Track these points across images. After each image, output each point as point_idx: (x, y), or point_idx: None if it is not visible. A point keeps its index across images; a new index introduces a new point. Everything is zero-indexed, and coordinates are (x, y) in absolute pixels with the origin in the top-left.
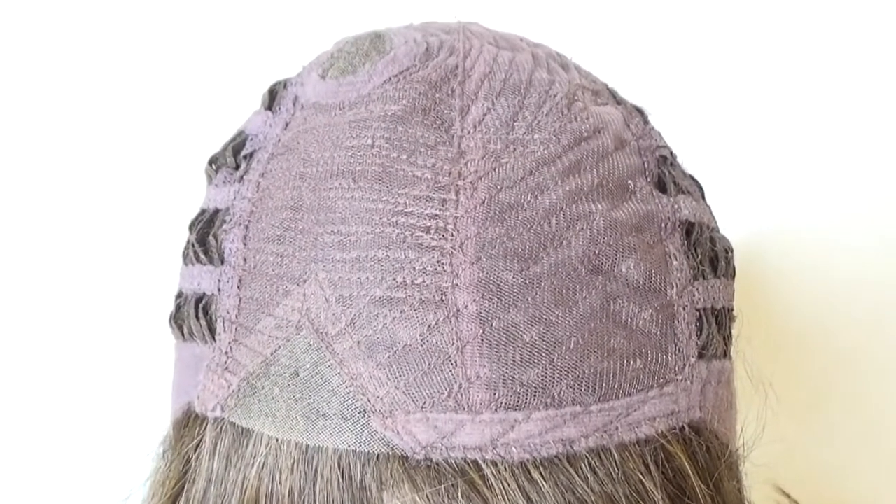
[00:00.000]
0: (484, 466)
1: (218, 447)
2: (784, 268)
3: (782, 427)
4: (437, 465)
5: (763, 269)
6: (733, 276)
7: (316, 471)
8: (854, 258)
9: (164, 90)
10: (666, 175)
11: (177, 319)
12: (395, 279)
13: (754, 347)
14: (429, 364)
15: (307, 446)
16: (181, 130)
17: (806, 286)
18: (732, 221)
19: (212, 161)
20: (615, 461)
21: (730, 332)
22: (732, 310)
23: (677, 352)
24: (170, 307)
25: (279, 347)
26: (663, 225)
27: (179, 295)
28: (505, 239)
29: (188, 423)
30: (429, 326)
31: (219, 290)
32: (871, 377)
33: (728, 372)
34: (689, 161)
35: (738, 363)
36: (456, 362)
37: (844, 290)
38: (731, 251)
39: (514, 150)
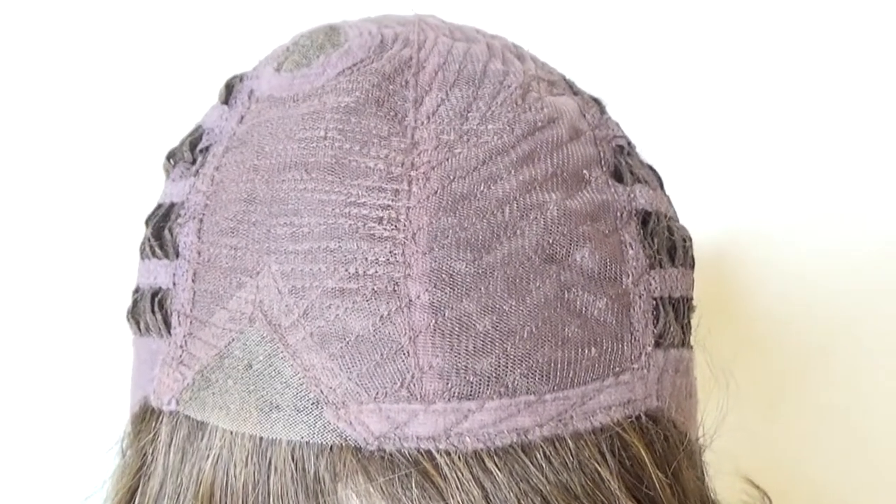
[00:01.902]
0: (437, 456)
1: (173, 441)
2: (749, 259)
3: (744, 416)
4: (391, 455)
5: (727, 260)
6: (692, 266)
7: (270, 463)
8: (818, 251)
9: (126, 89)
10: (622, 165)
11: (133, 314)
12: (347, 270)
13: (716, 337)
14: (381, 354)
15: (261, 438)
16: (143, 127)
17: (770, 277)
18: (700, 215)
19: (169, 156)
20: (570, 450)
21: (689, 322)
22: (692, 299)
23: (633, 340)
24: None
25: (233, 340)
26: (619, 214)
27: (136, 290)
28: (457, 229)
29: (144, 418)
30: (381, 317)
31: (174, 283)
32: (834, 366)
33: (687, 361)
34: (662, 156)
35: (699, 353)
36: (408, 352)
37: (808, 282)
38: (690, 240)
39: (468, 140)
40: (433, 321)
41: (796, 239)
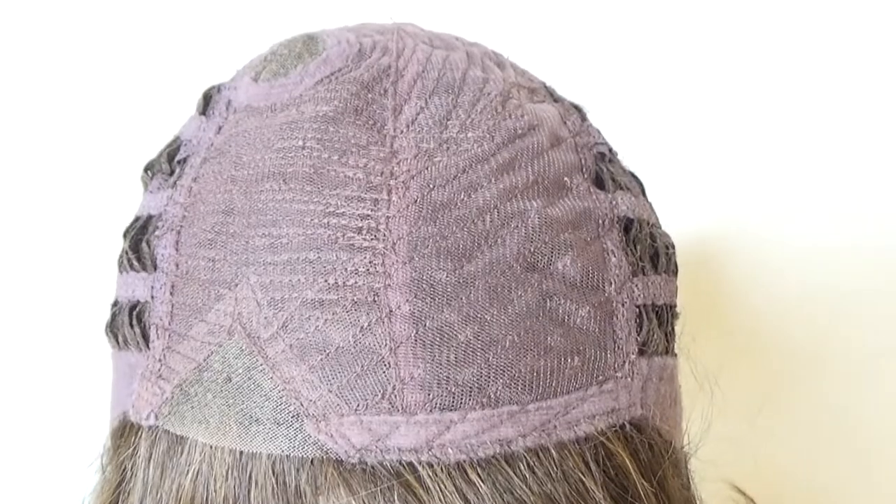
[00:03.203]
0: (420, 468)
1: (153, 456)
2: (733, 266)
3: (729, 424)
4: (373, 467)
5: (712, 267)
6: (675, 273)
7: (250, 477)
8: (804, 257)
9: (103, 103)
10: (604, 171)
11: (112, 328)
12: (326, 281)
13: (701, 345)
14: (362, 366)
15: (241, 452)
16: (121, 139)
17: (754, 284)
18: (682, 221)
19: (147, 168)
20: (554, 460)
21: (672, 329)
22: (675, 306)
23: (616, 349)
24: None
25: (212, 353)
26: (601, 221)
27: (115, 304)
28: (438, 238)
29: (124, 433)
30: (361, 328)
31: (152, 296)
32: (818, 375)
33: (671, 368)
34: (642, 160)
35: (683, 361)
36: (389, 363)
37: (792, 289)
38: (673, 247)
39: (448, 148)
40: (414, 332)
41: (780, 244)
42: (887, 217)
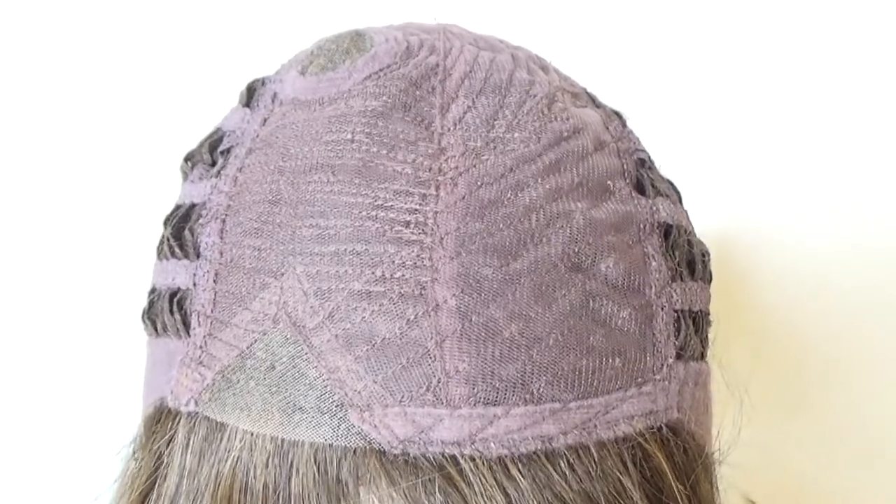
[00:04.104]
0: (462, 461)
1: (191, 442)
2: (762, 273)
3: (758, 432)
4: (415, 459)
5: (741, 274)
6: (710, 281)
7: (291, 465)
8: (832, 264)
9: (137, 90)
10: (644, 177)
11: (150, 315)
12: (374, 273)
13: (731, 353)
14: (407, 358)
15: (283, 440)
16: (154, 129)
17: (783, 292)
18: (711, 226)
19: (188, 158)
20: (594, 459)
21: (706, 336)
22: (709, 314)
23: (655, 351)
24: (140, 305)
25: (255, 341)
26: (642, 226)
27: (153, 290)
28: (485, 234)
29: (160, 419)
30: (408, 320)
31: (194, 284)
32: (848, 382)
33: (705, 374)
34: (670, 164)
35: (714, 368)
36: (435, 356)
37: (822, 297)
38: (708, 255)
39: (495, 147)
40: (460, 326)
41: (812, 248)
42: None
